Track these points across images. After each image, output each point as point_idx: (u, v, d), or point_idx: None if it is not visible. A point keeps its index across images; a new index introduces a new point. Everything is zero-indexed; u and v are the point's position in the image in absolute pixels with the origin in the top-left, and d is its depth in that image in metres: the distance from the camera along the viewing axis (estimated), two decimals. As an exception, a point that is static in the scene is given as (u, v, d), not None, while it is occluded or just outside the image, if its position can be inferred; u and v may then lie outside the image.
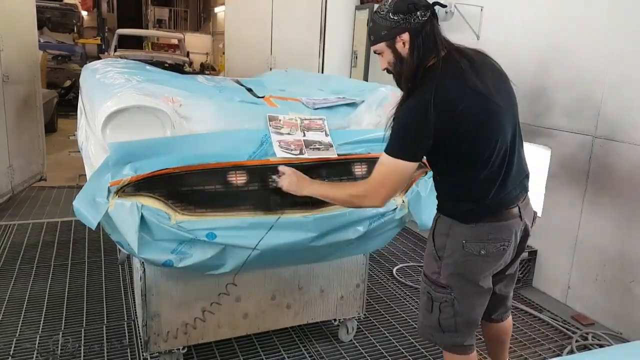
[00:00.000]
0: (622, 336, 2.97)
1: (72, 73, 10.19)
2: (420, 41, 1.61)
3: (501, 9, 3.84)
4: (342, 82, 3.35)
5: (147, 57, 9.58)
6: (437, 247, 1.81)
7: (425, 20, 1.61)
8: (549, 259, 3.47)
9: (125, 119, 1.96)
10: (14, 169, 4.68)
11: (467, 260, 1.75)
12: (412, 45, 1.62)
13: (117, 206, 1.85)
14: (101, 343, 2.66)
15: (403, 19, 1.60)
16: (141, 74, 2.79)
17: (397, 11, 1.61)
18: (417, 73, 1.62)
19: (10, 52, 4.52)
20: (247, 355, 2.61)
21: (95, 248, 3.85)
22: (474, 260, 1.74)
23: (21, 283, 3.26)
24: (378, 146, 2.27)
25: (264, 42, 5.28)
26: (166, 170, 1.91)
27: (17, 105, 4.75)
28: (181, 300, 2.30)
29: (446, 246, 1.78)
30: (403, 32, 1.61)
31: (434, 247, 1.82)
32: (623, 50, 2.95)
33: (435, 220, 1.85)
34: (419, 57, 1.62)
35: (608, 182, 3.05)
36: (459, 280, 1.78)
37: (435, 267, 1.82)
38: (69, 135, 5.51)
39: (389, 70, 1.73)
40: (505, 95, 1.73)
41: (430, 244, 1.85)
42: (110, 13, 16.81)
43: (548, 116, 3.43)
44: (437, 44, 1.63)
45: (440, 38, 1.65)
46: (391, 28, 1.63)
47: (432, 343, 2.05)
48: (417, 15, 1.60)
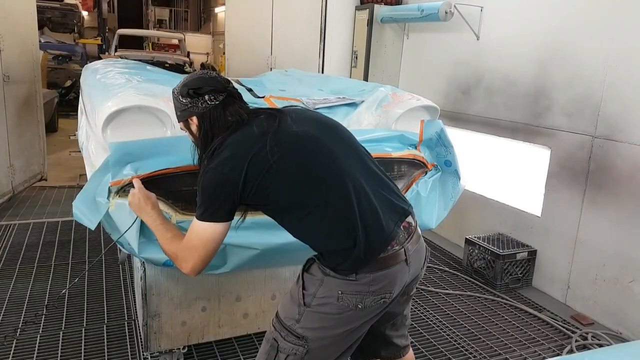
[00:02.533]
0: (622, 336, 2.97)
1: (73, 73, 10.20)
2: (207, 125, 1.60)
3: (501, 9, 3.84)
4: (342, 82, 3.35)
5: (147, 57, 9.57)
6: (306, 291, 1.58)
7: (216, 104, 1.60)
8: (549, 258, 3.48)
9: (125, 119, 1.97)
10: (15, 169, 4.69)
11: (340, 314, 1.54)
12: (201, 129, 1.62)
13: (117, 206, 1.85)
14: (101, 343, 2.66)
15: (190, 102, 1.61)
16: (141, 74, 2.80)
17: (183, 95, 1.62)
18: (208, 152, 1.59)
19: (11, 52, 4.53)
20: (247, 355, 2.61)
21: (95, 248, 3.86)
22: (348, 314, 1.54)
23: (21, 283, 3.26)
24: (378, 146, 2.27)
25: (264, 42, 5.28)
26: (166, 170, 1.91)
27: (18, 105, 4.76)
28: (181, 300, 2.31)
29: (317, 294, 1.56)
30: (192, 116, 1.63)
31: (303, 290, 1.58)
32: (623, 51, 2.95)
33: (310, 264, 1.63)
34: (207, 139, 1.61)
35: (608, 182, 3.05)
36: (321, 334, 1.56)
37: (295, 312, 1.58)
38: (70, 135, 5.50)
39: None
40: (333, 135, 1.66)
41: (299, 285, 1.61)
42: (110, 13, 16.80)
43: (548, 116, 3.44)
44: (229, 124, 1.60)
45: (239, 114, 1.61)
46: (182, 110, 1.64)
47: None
48: (205, 99, 1.60)
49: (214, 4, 18.15)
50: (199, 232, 1.55)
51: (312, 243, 1.60)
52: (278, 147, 1.53)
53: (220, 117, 1.60)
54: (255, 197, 1.54)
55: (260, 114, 1.65)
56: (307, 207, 1.54)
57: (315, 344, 1.56)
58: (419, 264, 1.67)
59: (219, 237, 1.56)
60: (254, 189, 1.52)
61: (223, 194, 1.52)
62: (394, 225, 1.58)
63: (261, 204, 1.58)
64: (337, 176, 1.56)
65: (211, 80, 1.63)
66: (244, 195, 1.53)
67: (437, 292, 3.44)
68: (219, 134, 1.60)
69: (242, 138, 1.57)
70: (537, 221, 3.56)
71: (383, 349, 1.86)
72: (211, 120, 1.60)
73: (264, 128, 1.57)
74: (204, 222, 1.54)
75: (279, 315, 1.63)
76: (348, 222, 1.53)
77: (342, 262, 1.53)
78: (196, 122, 1.63)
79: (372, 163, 1.69)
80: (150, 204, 1.73)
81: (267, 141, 1.54)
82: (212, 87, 1.61)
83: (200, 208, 1.54)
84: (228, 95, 1.63)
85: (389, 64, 5.18)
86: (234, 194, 1.52)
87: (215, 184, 1.52)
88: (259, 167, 1.51)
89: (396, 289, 1.58)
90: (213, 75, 1.68)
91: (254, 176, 1.51)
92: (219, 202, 1.53)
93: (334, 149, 1.61)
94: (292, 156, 1.55)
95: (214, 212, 1.53)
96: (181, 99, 1.63)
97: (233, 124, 1.60)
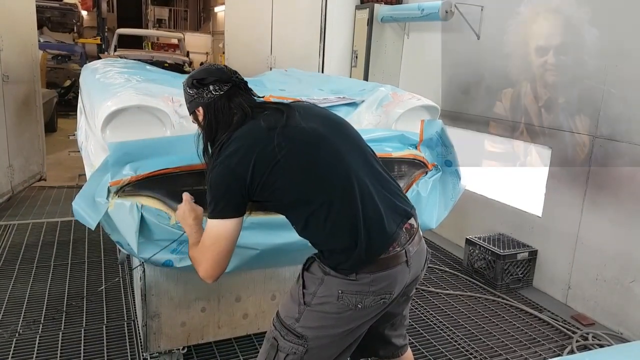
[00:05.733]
0: (622, 336, 2.97)
1: (72, 73, 10.19)
2: (212, 115, 1.62)
3: (501, 9, 3.83)
4: (342, 82, 3.34)
5: (146, 57, 9.56)
6: (306, 290, 1.58)
7: (220, 95, 1.62)
8: (549, 258, 3.47)
9: (125, 119, 1.96)
10: (14, 169, 4.68)
11: (340, 314, 1.54)
12: (206, 119, 1.64)
13: (117, 206, 1.85)
14: (101, 343, 2.65)
15: (196, 93, 1.63)
16: (141, 73, 2.79)
17: (189, 86, 1.65)
18: (216, 142, 1.61)
19: (10, 51, 4.52)
20: (247, 355, 2.60)
21: (95, 248, 3.85)
22: (348, 314, 1.54)
23: (21, 283, 3.25)
24: (378, 146, 2.27)
25: (264, 41, 5.27)
26: (166, 170, 1.90)
27: (17, 105, 4.75)
28: (181, 300, 2.30)
29: (317, 293, 1.55)
30: (198, 107, 1.65)
31: (303, 289, 1.58)
32: (623, 50, 2.94)
33: (311, 263, 1.63)
34: (211, 129, 1.63)
35: (608, 182, 3.05)
36: (321, 333, 1.56)
37: (295, 311, 1.58)
38: (69, 135, 5.49)
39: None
40: (337, 132, 1.66)
41: (299, 284, 1.61)
42: (110, 13, 16.79)
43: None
44: (234, 117, 1.60)
45: (242, 108, 1.61)
46: (189, 102, 1.67)
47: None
48: (210, 90, 1.62)
49: (213, 4, 18.15)
50: (210, 231, 1.55)
51: (314, 240, 1.60)
52: (286, 142, 1.54)
53: (225, 107, 1.61)
54: (261, 193, 1.54)
55: (267, 108, 1.65)
56: (312, 205, 1.54)
57: (315, 343, 1.56)
58: (420, 265, 1.66)
59: (231, 235, 1.55)
60: (261, 185, 1.52)
61: (231, 189, 1.52)
62: (396, 227, 1.58)
63: (267, 200, 1.58)
64: (343, 176, 1.56)
65: (216, 71, 1.65)
66: (252, 190, 1.53)
67: (438, 293, 3.43)
68: (224, 125, 1.61)
69: (249, 132, 1.57)
70: (537, 221, 3.55)
71: (381, 348, 1.86)
72: (215, 111, 1.61)
73: (271, 123, 1.57)
74: (214, 220, 1.54)
75: (279, 315, 1.63)
76: (351, 222, 1.52)
77: (343, 261, 1.53)
78: (202, 113, 1.65)
79: (377, 163, 1.69)
80: (192, 216, 1.71)
81: (274, 136, 1.54)
82: (216, 78, 1.63)
83: (210, 205, 1.54)
84: (233, 86, 1.64)
85: (389, 63, 5.17)
86: (242, 188, 1.52)
87: (224, 178, 1.53)
88: (266, 162, 1.51)
89: (396, 289, 1.58)
90: (219, 66, 1.70)
91: (260, 171, 1.51)
92: (227, 197, 1.53)
93: (341, 148, 1.61)
94: (299, 153, 1.55)
95: (224, 208, 1.53)
96: (188, 90, 1.66)
97: (238, 116, 1.60)
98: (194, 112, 1.68)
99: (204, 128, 1.66)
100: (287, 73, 3.93)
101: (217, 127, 1.61)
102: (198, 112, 1.66)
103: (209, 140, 1.64)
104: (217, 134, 1.61)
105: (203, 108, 1.64)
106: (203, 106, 1.63)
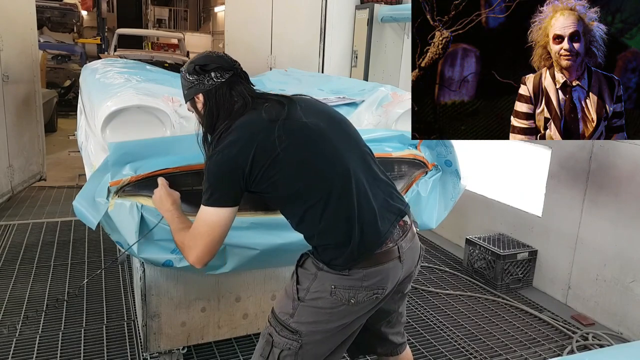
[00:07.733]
0: (622, 336, 2.97)
1: (72, 73, 10.18)
2: (213, 102, 1.61)
3: (501, 9, 3.83)
4: (342, 82, 3.34)
5: (147, 57, 9.56)
6: (300, 285, 1.59)
7: (221, 82, 1.61)
8: (549, 258, 3.47)
9: (125, 119, 1.96)
10: (14, 169, 4.68)
11: (333, 309, 1.55)
12: (206, 106, 1.63)
13: (117, 206, 1.85)
14: (101, 343, 2.65)
15: (197, 79, 1.61)
16: (141, 73, 2.79)
17: (190, 72, 1.63)
18: (216, 131, 1.60)
19: (10, 51, 4.52)
20: (247, 355, 2.60)
21: (95, 248, 3.85)
22: (341, 309, 1.55)
23: (21, 283, 3.25)
24: (378, 146, 2.27)
25: (264, 41, 5.28)
26: (166, 170, 1.90)
27: (17, 105, 4.75)
28: (181, 300, 2.30)
29: (310, 288, 1.57)
30: (198, 93, 1.63)
31: (297, 285, 1.59)
32: (623, 50, 2.94)
33: (305, 259, 1.64)
34: (212, 117, 1.62)
35: (608, 182, 3.05)
36: (315, 328, 1.56)
37: (289, 307, 1.59)
38: (69, 135, 5.51)
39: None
40: (334, 127, 1.66)
41: (293, 280, 1.62)
42: (110, 13, 16.79)
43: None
44: (235, 105, 1.61)
45: (243, 97, 1.62)
46: (189, 88, 1.65)
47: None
48: (212, 76, 1.60)
49: (213, 3, 18.15)
50: (205, 218, 1.55)
51: (308, 235, 1.61)
52: (287, 135, 1.54)
53: (226, 95, 1.61)
54: (259, 185, 1.54)
55: (268, 100, 1.64)
56: (309, 200, 1.55)
57: (309, 338, 1.57)
58: (413, 262, 1.67)
59: (226, 223, 1.55)
60: (259, 176, 1.52)
61: (229, 178, 1.52)
62: (389, 226, 1.59)
63: (264, 192, 1.58)
64: (341, 173, 1.56)
65: (218, 58, 1.65)
66: (250, 181, 1.53)
67: (438, 293, 3.43)
68: (225, 113, 1.60)
69: (250, 123, 1.57)
70: (537, 221, 3.55)
71: (379, 345, 1.87)
72: (217, 98, 1.61)
73: (272, 115, 1.57)
74: (210, 208, 1.53)
75: (274, 311, 1.64)
76: (346, 220, 1.54)
77: (336, 257, 1.55)
78: (202, 100, 1.63)
79: (373, 162, 1.69)
80: (170, 200, 1.74)
81: (275, 128, 1.54)
82: (218, 65, 1.62)
83: (207, 193, 1.54)
84: (234, 74, 1.63)
85: (389, 63, 5.17)
86: (241, 178, 1.52)
87: (222, 167, 1.52)
88: (265, 154, 1.51)
89: (389, 285, 1.59)
90: (220, 54, 1.69)
91: (260, 162, 1.51)
92: (225, 185, 1.53)
93: (340, 145, 1.61)
94: (299, 147, 1.55)
95: (220, 197, 1.53)
96: (188, 76, 1.64)
97: (238, 105, 1.60)
98: (192, 100, 1.66)
99: (203, 116, 1.65)
100: (287, 73, 3.93)
101: (217, 115, 1.61)
102: (197, 99, 1.64)
103: (209, 128, 1.63)
104: (218, 121, 1.60)
105: (203, 95, 1.62)
106: (203, 93, 1.62)
